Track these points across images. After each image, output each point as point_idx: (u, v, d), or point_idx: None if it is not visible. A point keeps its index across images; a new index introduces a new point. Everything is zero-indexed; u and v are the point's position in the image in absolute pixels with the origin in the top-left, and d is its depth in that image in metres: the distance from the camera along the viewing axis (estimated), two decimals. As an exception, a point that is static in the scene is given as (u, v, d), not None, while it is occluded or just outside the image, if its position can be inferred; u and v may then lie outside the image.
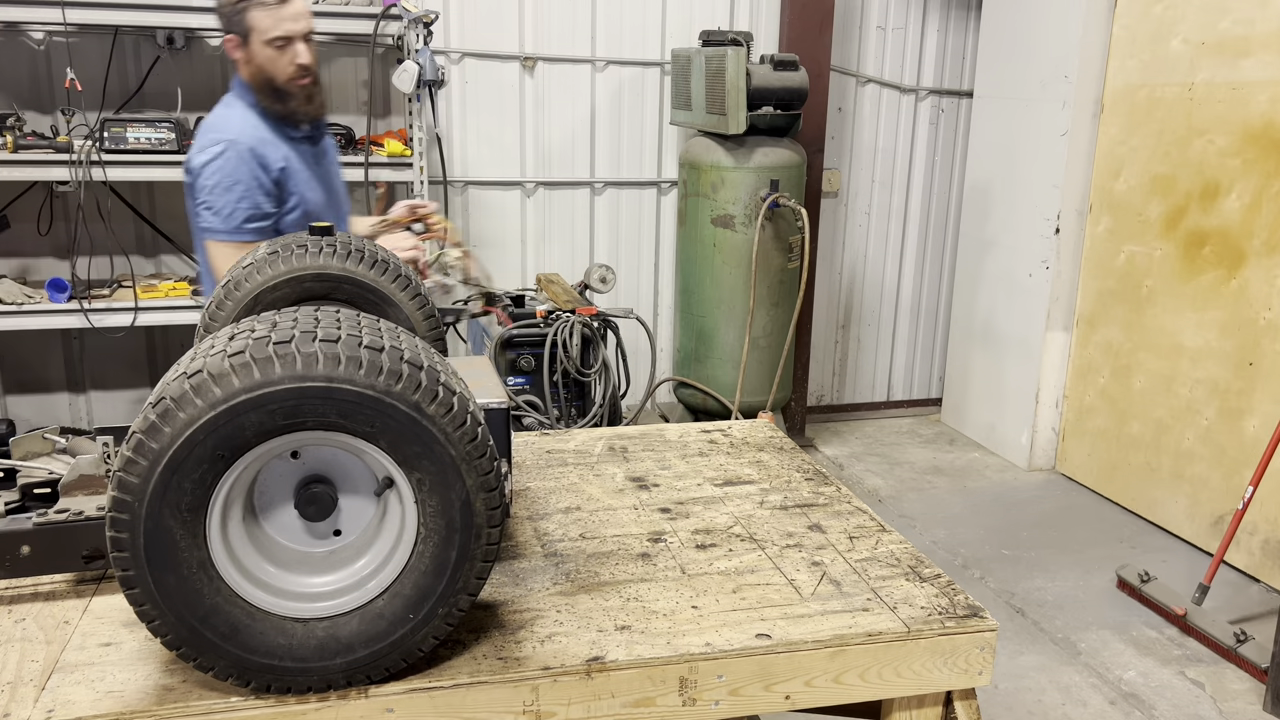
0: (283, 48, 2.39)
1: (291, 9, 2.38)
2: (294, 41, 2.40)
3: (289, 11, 2.37)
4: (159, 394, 1.21)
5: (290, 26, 2.38)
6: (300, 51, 2.41)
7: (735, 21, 5.26)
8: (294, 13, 2.38)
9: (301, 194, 2.55)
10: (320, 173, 2.62)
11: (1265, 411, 3.84)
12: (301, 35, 2.40)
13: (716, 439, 2.38)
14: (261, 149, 2.46)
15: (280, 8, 2.36)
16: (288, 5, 2.37)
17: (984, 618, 1.59)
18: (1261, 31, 3.85)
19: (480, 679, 1.39)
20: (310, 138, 2.59)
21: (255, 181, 2.44)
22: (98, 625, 1.49)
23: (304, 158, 2.57)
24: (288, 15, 2.37)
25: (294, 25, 2.39)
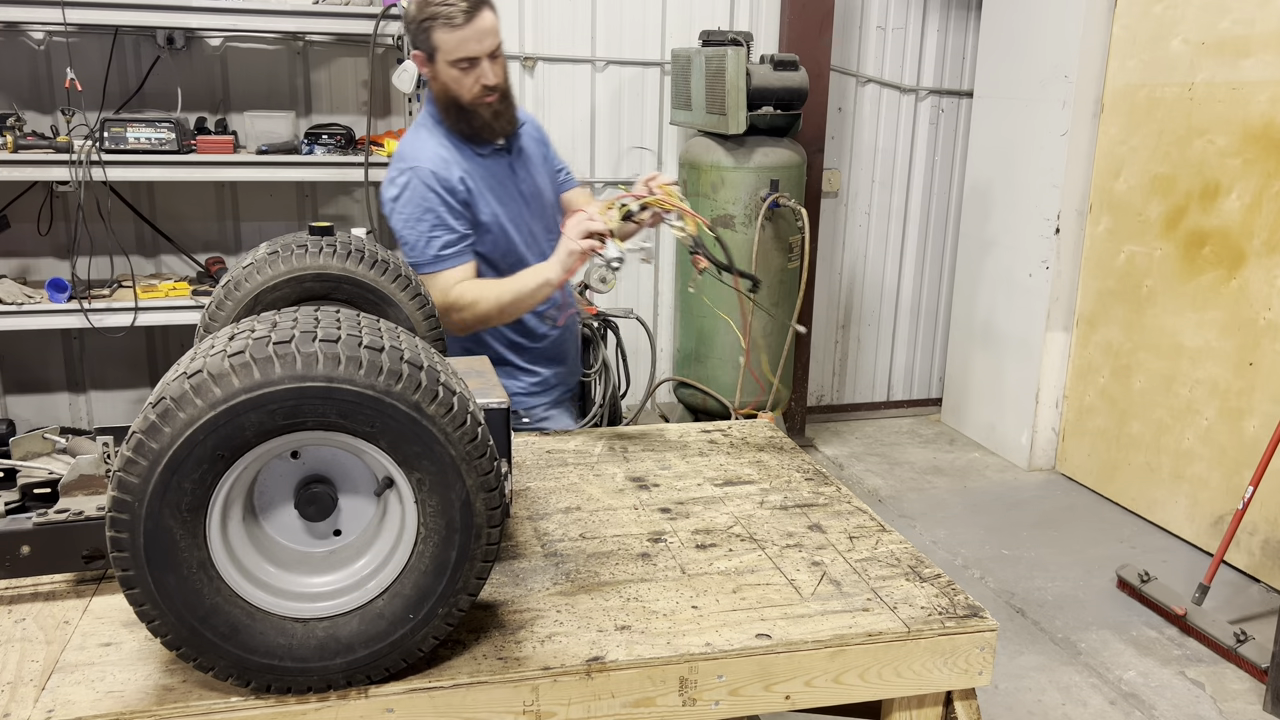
0: (467, 69, 2.25)
1: (476, 27, 2.22)
2: (479, 61, 2.25)
3: (473, 30, 2.21)
4: (159, 394, 1.21)
5: (475, 47, 2.23)
6: (486, 71, 2.26)
7: (735, 21, 5.26)
8: (479, 31, 2.22)
9: (493, 209, 2.43)
10: (516, 183, 2.49)
11: (1265, 411, 3.84)
12: (487, 54, 2.25)
13: (716, 439, 2.38)
14: (444, 171, 2.36)
15: (464, 27, 2.20)
16: (472, 24, 2.21)
17: (984, 618, 1.59)
18: (1261, 31, 3.85)
19: (480, 679, 1.39)
20: (502, 150, 2.46)
21: (444, 206, 2.35)
22: (98, 625, 1.49)
23: (495, 172, 2.44)
24: (472, 35, 2.21)
25: (479, 45, 2.23)
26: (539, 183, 2.56)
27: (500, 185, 2.46)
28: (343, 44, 4.71)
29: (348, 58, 4.75)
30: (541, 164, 2.58)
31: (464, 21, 2.19)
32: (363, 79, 4.72)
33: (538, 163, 2.57)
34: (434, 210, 2.34)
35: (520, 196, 2.50)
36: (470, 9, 2.20)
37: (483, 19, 2.22)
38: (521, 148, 2.51)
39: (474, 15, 2.20)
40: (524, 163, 2.52)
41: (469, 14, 2.19)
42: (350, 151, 4.41)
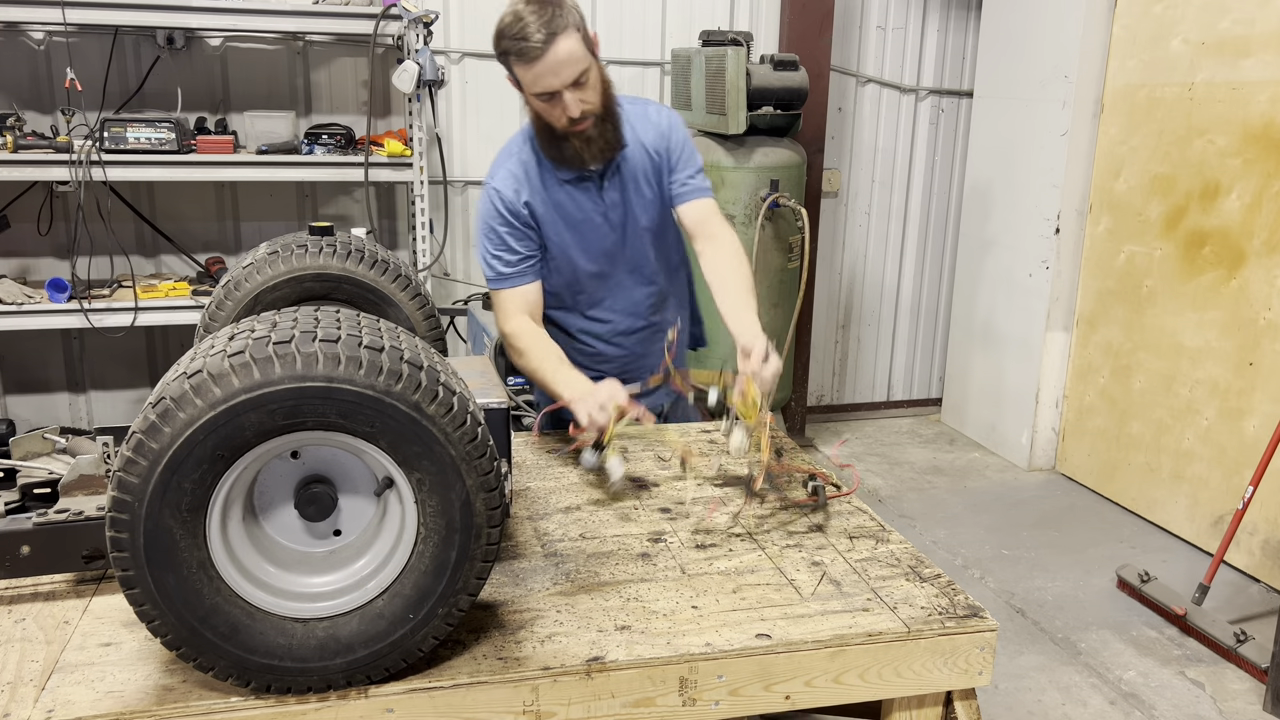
0: (550, 101, 2.12)
1: (548, 62, 2.04)
2: (560, 93, 2.10)
3: (545, 66, 2.05)
4: (159, 394, 1.21)
5: (552, 80, 2.07)
6: (568, 103, 2.10)
7: (735, 21, 5.26)
8: (554, 64, 2.05)
9: (562, 238, 2.33)
10: (601, 210, 2.34)
11: (1265, 411, 3.84)
12: (567, 85, 2.09)
13: (716, 439, 2.38)
14: (511, 195, 2.29)
15: (537, 63, 2.05)
16: (545, 58, 2.04)
17: (984, 618, 1.59)
18: (1261, 31, 3.85)
19: (480, 679, 1.39)
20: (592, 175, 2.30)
21: (506, 228, 2.29)
22: (98, 625, 1.49)
23: (575, 198, 2.32)
24: (545, 70, 2.05)
25: (556, 79, 2.07)
26: (633, 209, 2.37)
27: (578, 211, 2.33)
28: (343, 44, 4.71)
29: (348, 58, 4.75)
30: (646, 184, 2.37)
31: (537, 56, 2.04)
32: (363, 79, 4.72)
33: (640, 184, 2.36)
34: (496, 231, 2.30)
35: (604, 223, 2.35)
36: (545, 41, 2.03)
37: (557, 50, 2.04)
38: (620, 170, 2.33)
39: (548, 48, 2.03)
40: (618, 187, 2.34)
41: (543, 47, 2.03)
42: (350, 151, 4.41)
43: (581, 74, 2.09)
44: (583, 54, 2.08)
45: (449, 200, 4.88)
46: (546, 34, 2.02)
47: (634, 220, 2.37)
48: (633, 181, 2.35)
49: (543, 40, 2.02)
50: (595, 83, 2.14)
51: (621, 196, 2.35)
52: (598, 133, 2.19)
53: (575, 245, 2.35)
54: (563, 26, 2.04)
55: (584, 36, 2.09)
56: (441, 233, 4.80)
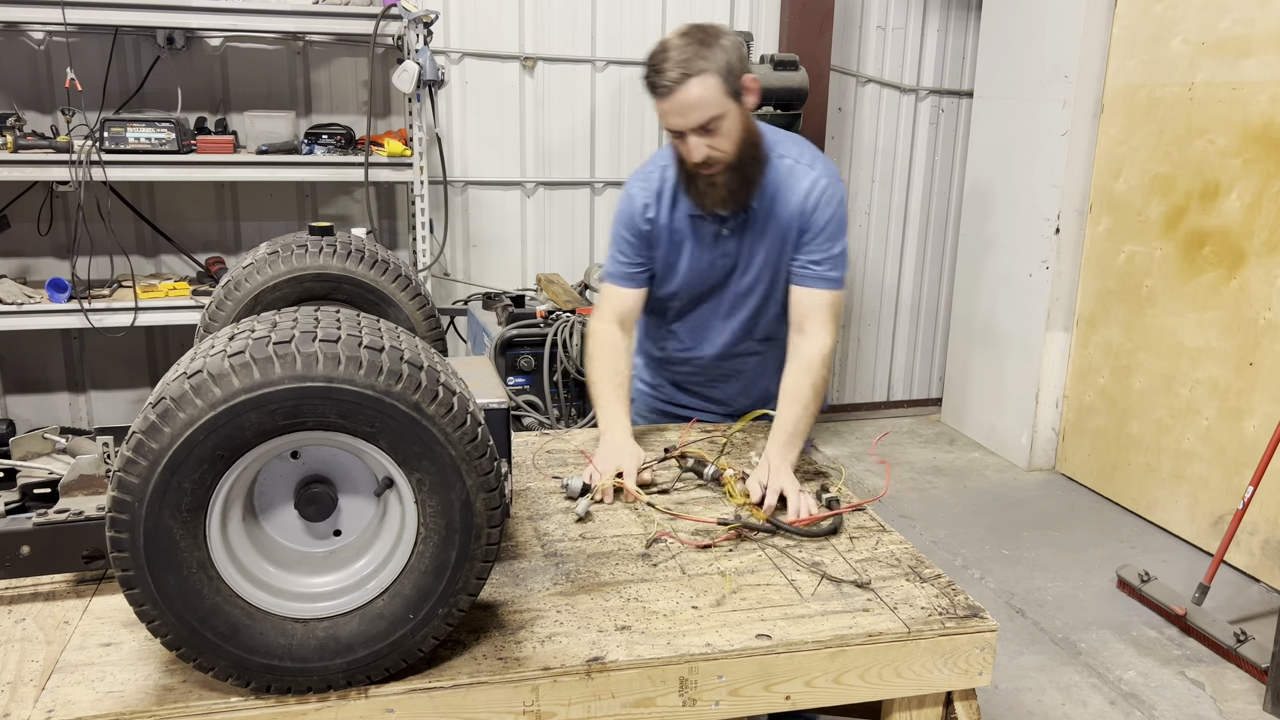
0: (680, 137, 2.07)
1: (675, 102, 1.99)
2: (685, 135, 2.04)
3: (672, 105, 2.00)
4: (159, 394, 1.21)
5: (677, 120, 2.02)
6: (691, 147, 2.04)
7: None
8: (679, 106, 1.99)
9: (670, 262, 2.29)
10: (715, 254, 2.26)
11: (1265, 411, 3.84)
12: (691, 128, 2.02)
13: (717, 439, 2.37)
14: (639, 204, 2.26)
15: (665, 100, 2.01)
16: (672, 98, 1.99)
17: (984, 618, 1.59)
18: (1261, 31, 3.85)
19: (480, 679, 1.39)
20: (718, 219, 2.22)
21: (627, 231, 2.29)
22: (98, 625, 1.49)
23: (696, 234, 2.25)
24: (672, 109, 2.01)
25: (681, 120, 2.01)
26: (745, 265, 2.26)
27: (692, 246, 2.27)
28: (343, 44, 4.71)
29: (348, 58, 4.75)
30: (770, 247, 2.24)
31: (665, 94, 2.00)
32: (363, 79, 4.72)
33: (763, 243, 2.24)
34: (620, 232, 2.31)
35: (709, 269, 2.28)
36: (676, 81, 1.97)
37: (684, 93, 1.98)
38: (746, 222, 2.22)
39: (675, 89, 1.98)
40: (738, 238, 2.24)
41: (672, 86, 1.98)
42: (350, 151, 4.41)
43: (711, 120, 2.01)
44: (717, 100, 2.00)
45: (449, 200, 4.88)
46: (680, 74, 1.97)
47: (741, 276, 2.28)
48: (756, 235, 2.23)
49: (674, 80, 1.97)
50: (731, 131, 2.05)
51: (738, 249, 2.25)
52: (723, 181, 2.10)
53: (679, 276, 2.30)
54: (701, 69, 1.97)
55: (728, 81, 2.00)
56: (441, 233, 4.80)
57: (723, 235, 2.24)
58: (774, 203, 2.20)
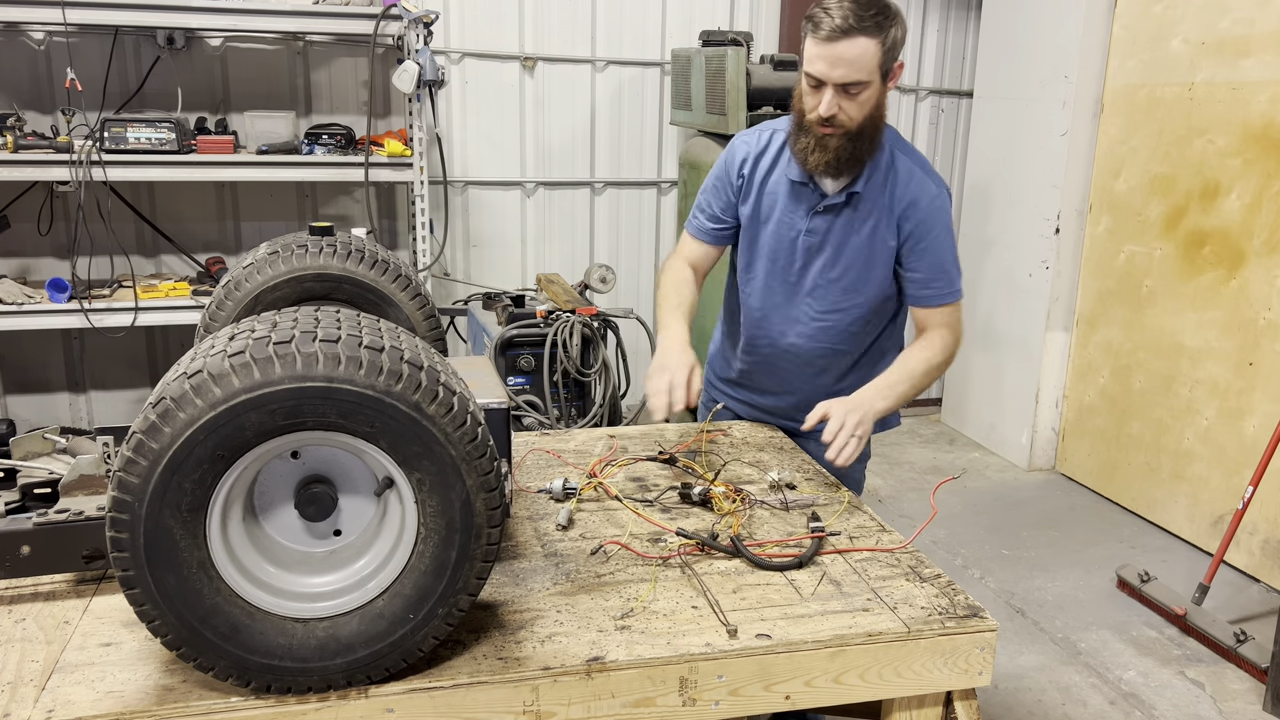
0: (815, 87, 2.02)
1: (834, 49, 1.95)
2: (825, 87, 2.00)
3: (830, 50, 1.96)
4: (159, 394, 1.21)
5: (823, 68, 1.98)
6: (826, 101, 2.00)
7: (735, 21, 5.26)
8: (834, 55, 1.95)
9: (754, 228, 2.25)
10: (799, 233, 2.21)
11: (1265, 411, 3.84)
12: (837, 83, 1.98)
13: (717, 439, 2.38)
14: (744, 150, 2.24)
15: (823, 43, 1.96)
16: (833, 45, 1.95)
17: (984, 618, 1.59)
18: (1261, 31, 3.85)
19: (480, 679, 1.39)
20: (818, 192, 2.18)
21: (720, 181, 2.27)
22: (98, 625, 1.49)
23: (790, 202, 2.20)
24: (826, 55, 1.96)
25: (828, 69, 1.97)
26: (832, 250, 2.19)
27: (782, 213, 2.22)
28: (343, 44, 4.71)
29: (348, 58, 4.75)
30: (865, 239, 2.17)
31: (825, 37, 1.95)
32: (363, 79, 4.72)
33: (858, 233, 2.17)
34: (710, 183, 2.30)
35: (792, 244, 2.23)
36: (839, 30, 1.94)
37: (846, 46, 1.94)
38: (845, 207, 2.16)
39: (838, 37, 1.94)
40: (832, 220, 2.18)
41: (833, 34, 1.94)
42: (350, 151, 4.41)
43: (856, 83, 1.98)
44: (870, 67, 1.98)
45: (449, 200, 4.88)
46: (850, 25, 1.94)
47: (827, 260, 2.21)
48: (850, 226, 2.17)
49: (841, 28, 1.94)
50: (866, 103, 2.02)
51: (828, 230, 2.19)
52: (835, 145, 2.06)
53: (762, 243, 2.25)
54: (873, 30, 1.95)
55: (886, 55, 1.99)
56: (441, 233, 4.80)
57: (817, 211, 2.18)
58: (882, 196, 2.14)
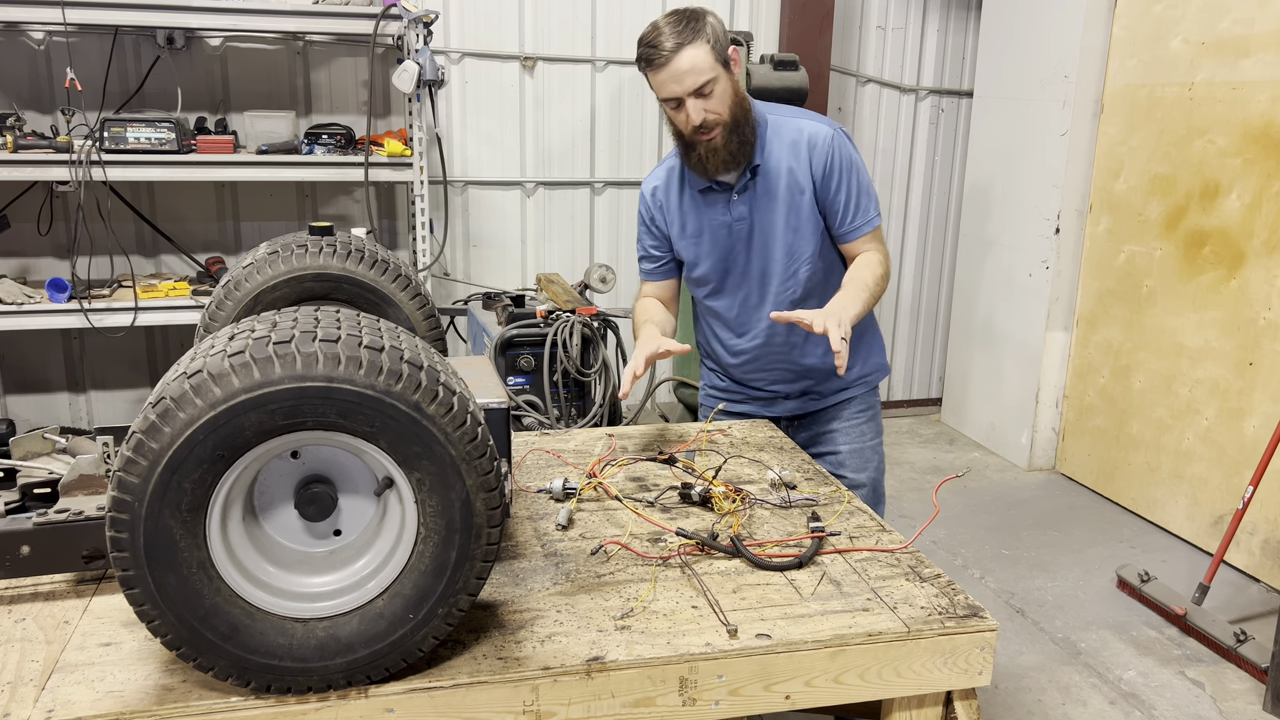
0: (675, 108, 2.20)
1: (671, 69, 2.13)
2: (684, 100, 2.17)
3: (669, 73, 2.14)
4: (159, 394, 1.21)
5: (674, 88, 2.16)
6: (690, 111, 2.17)
7: (735, 21, 5.27)
8: (676, 73, 2.14)
9: (691, 244, 2.41)
10: (729, 220, 2.35)
11: (1265, 411, 3.84)
12: (689, 93, 2.15)
13: (717, 439, 2.38)
14: (649, 195, 2.45)
15: (661, 70, 2.15)
16: (669, 66, 2.13)
17: (984, 618, 1.59)
18: (1261, 31, 3.85)
19: (480, 679, 1.39)
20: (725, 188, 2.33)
21: (644, 226, 2.48)
22: (98, 625, 1.49)
23: (707, 209, 2.37)
24: (669, 77, 2.15)
25: (678, 86, 2.15)
26: (763, 224, 2.34)
27: (705, 221, 2.38)
28: (343, 44, 4.71)
29: (348, 58, 4.75)
30: (784, 201, 2.32)
31: (663, 63, 2.14)
32: (363, 79, 4.72)
33: (775, 199, 2.32)
34: (640, 229, 2.50)
35: (728, 236, 2.37)
36: (672, 50, 2.13)
37: (681, 59, 2.13)
38: (753, 184, 2.31)
39: (672, 57, 2.13)
40: (749, 200, 2.33)
41: (669, 55, 2.13)
42: (350, 151, 4.41)
43: (706, 84, 2.15)
44: (709, 65, 2.15)
45: (449, 200, 4.88)
46: (675, 44, 2.13)
47: (762, 235, 2.35)
48: (766, 197, 2.32)
49: (670, 50, 2.13)
50: (724, 94, 2.18)
51: (750, 209, 2.34)
52: (723, 143, 2.21)
53: (703, 255, 2.41)
54: (692, 38, 2.14)
55: (716, 50, 2.16)
56: (441, 233, 4.80)
57: (733, 200, 2.33)
58: (781, 157, 2.30)
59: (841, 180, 2.30)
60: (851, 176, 2.31)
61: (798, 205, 2.31)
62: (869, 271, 2.29)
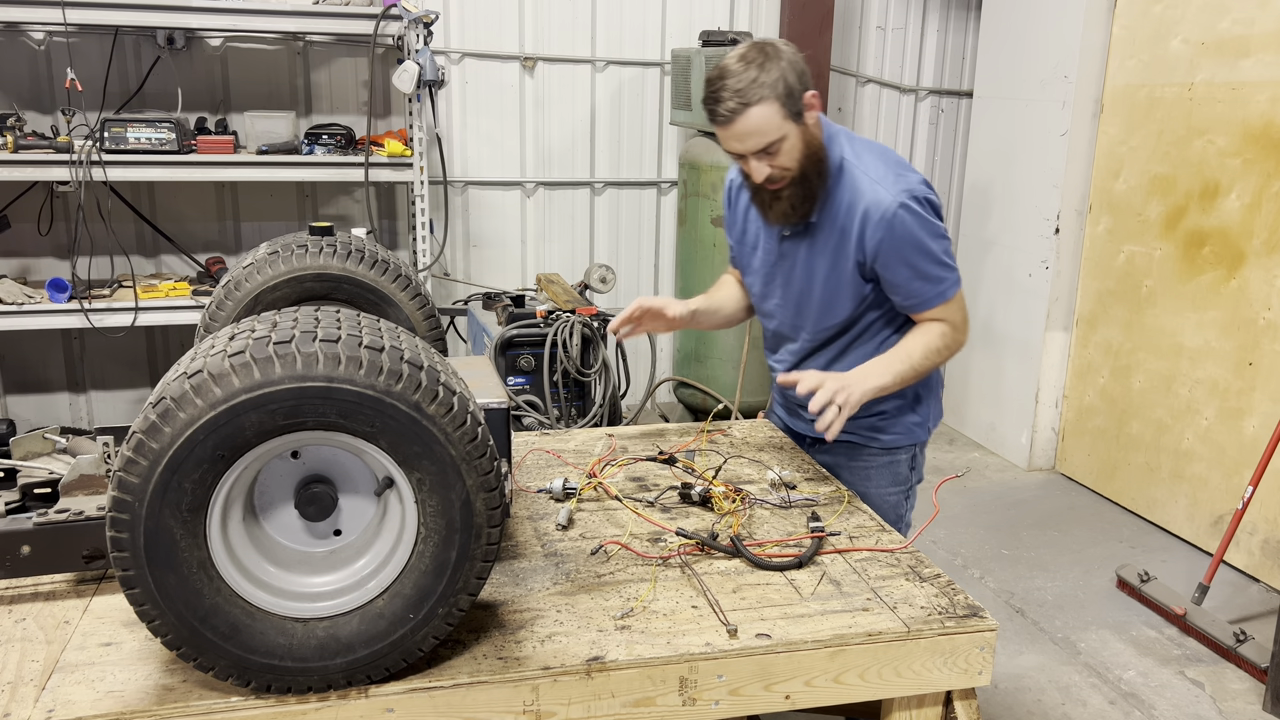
0: (741, 158, 2.06)
1: (734, 130, 1.99)
2: (746, 158, 2.04)
3: (730, 133, 2.00)
4: (159, 394, 1.21)
5: (736, 146, 2.03)
6: (754, 169, 2.03)
7: (735, 21, 5.27)
8: (737, 134, 1.99)
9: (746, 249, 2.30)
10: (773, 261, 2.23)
11: (1265, 411, 3.84)
12: (752, 153, 2.02)
13: (717, 439, 2.38)
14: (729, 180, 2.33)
15: (723, 128, 2.01)
16: (730, 127, 1.99)
17: (984, 618, 1.59)
18: (1261, 31, 3.85)
19: (480, 679, 1.39)
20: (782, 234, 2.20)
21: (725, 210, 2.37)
22: (98, 625, 1.49)
23: (764, 231, 2.24)
24: (731, 136, 2.01)
25: (740, 145, 2.01)
26: (803, 273, 2.18)
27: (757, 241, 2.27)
28: (343, 44, 4.71)
29: (348, 58, 4.75)
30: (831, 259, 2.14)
31: (723, 123, 2.00)
32: (363, 79, 4.72)
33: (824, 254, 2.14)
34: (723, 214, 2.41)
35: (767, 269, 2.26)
36: (733, 112, 1.97)
37: (741, 123, 1.97)
38: (809, 229, 2.15)
39: (733, 118, 1.97)
40: (800, 244, 2.17)
41: (728, 118, 1.98)
42: (350, 151, 4.41)
43: (771, 144, 1.99)
44: (776, 125, 1.97)
45: (449, 200, 4.88)
46: (737, 104, 1.96)
47: (801, 284, 2.20)
48: (812, 249, 2.16)
49: (730, 111, 1.97)
50: (792, 150, 2.02)
51: (795, 255, 2.19)
52: (787, 195, 2.07)
53: (751, 266, 2.30)
54: (759, 96, 1.95)
55: (787, 105, 1.97)
56: (441, 233, 4.80)
57: (786, 237, 2.19)
58: (838, 217, 2.11)
59: (898, 261, 2.08)
60: (911, 255, 2.08)
61: (840, 270, 2.13)
62: (921, 342, 2.12)
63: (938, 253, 2.11)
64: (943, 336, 2.14)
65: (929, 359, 2.13)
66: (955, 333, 2.16)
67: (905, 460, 2.38)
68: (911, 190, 2.08)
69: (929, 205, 2.11)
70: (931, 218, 2.11)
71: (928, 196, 2.11)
